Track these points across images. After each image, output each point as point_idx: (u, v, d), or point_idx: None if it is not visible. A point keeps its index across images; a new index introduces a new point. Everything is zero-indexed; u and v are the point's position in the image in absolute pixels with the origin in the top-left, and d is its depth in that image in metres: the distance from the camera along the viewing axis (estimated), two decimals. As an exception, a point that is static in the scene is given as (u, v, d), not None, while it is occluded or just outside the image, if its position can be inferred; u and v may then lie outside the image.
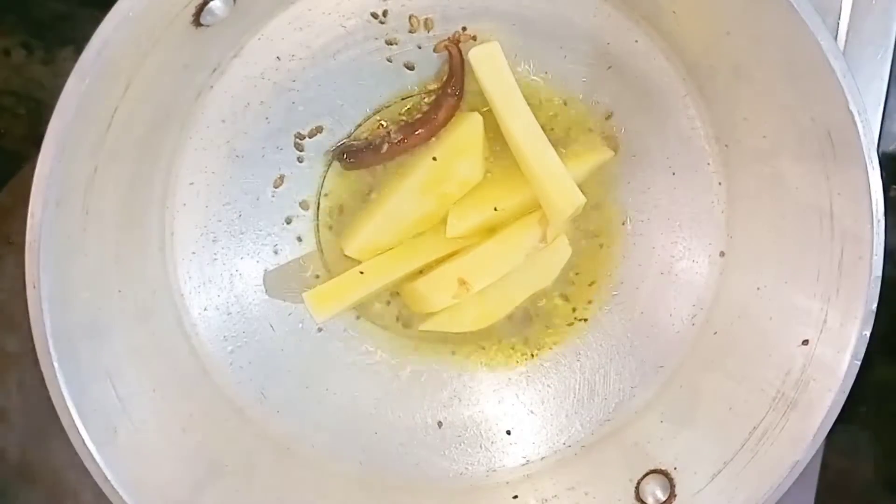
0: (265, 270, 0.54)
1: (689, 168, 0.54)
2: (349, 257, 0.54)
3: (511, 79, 0.51)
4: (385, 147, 0.52)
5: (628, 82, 0.53)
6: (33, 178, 0.41)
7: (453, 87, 0.52)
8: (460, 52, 0.52)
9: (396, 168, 0.54)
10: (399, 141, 0.52)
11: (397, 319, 0.55)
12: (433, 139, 0.53)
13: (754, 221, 0.51)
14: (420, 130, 0.52)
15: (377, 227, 0.53)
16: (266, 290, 0.54)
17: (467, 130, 0.52)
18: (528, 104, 0.51)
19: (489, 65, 0.51)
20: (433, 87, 0.53)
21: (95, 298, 0.45)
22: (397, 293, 0.55)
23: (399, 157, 0.53)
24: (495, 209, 0.53)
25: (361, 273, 0.53)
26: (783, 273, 0.49)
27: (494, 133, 0.53)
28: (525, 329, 0.56)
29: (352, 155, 0.53)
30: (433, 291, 0.53)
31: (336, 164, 0.54)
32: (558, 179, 0.50)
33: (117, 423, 0.45)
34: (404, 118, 0.53)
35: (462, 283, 0.53)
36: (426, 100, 0.53)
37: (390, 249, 0.53)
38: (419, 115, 0.53)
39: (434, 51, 0.52)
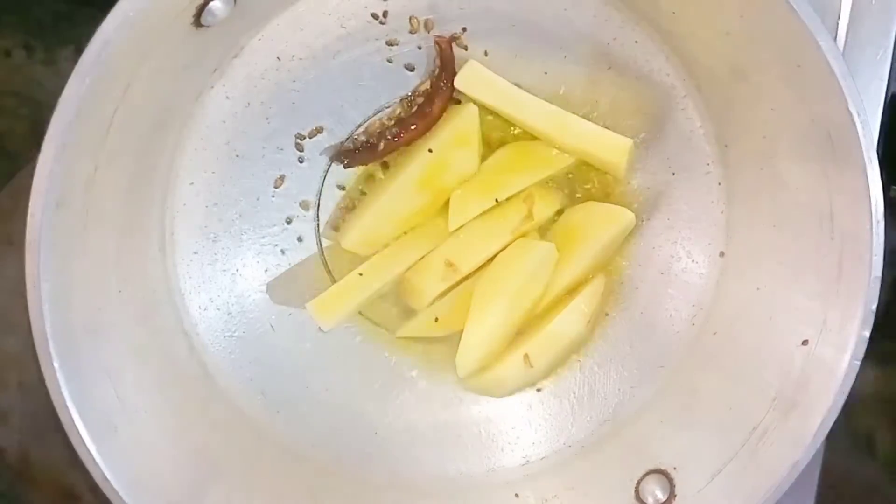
0: (265, 271, 0.54)
1: (689, 168, 0.54)
2: (350, 257, 0.54)
3: (503, 81, 0.52)
4: (381, 145, 0.52)
5: (628, 82, 0.53)
6: (33, 178, 0.41)
7: (445, 80, 0.52)
8: (450, 44, 0.52)
9: (393, 160, 0.54)
10: (395, 137, 0.52)
11: (396, 318, 0.55)
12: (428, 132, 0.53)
13: (754, 221, 0.51)
14: (415, 125, 0.52)
15: (374, 220, 0.53)
16: (266, 291, 0.54)
17: (463, 121, 0.52)
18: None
19: (477, 82, 0.52)
20: (425, 87, 0.53)
21: (95, 298, 0.45)
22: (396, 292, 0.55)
23: (395, 152, 0.53)
24: (496, 200, 0.52)
25: (360, 275, 0.53)
26: (783, 273, 0.49)
27: (489, 124, 0.53)
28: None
29: (348, 155, 0.53)
30: (423, 279, 0.53)
31: (336, 164, 0.54)
32: (597, 140, 0.52)
33: (117, 422, 0.45)
34: (402, 116, 0.53)
35: (449, 265, 0.52)
36: (418, 100, 0.53)
37: (388, 243, 0.53)
38: (413, 110, 0.53)
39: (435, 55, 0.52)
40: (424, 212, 0.53)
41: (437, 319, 0.54)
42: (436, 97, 0.52)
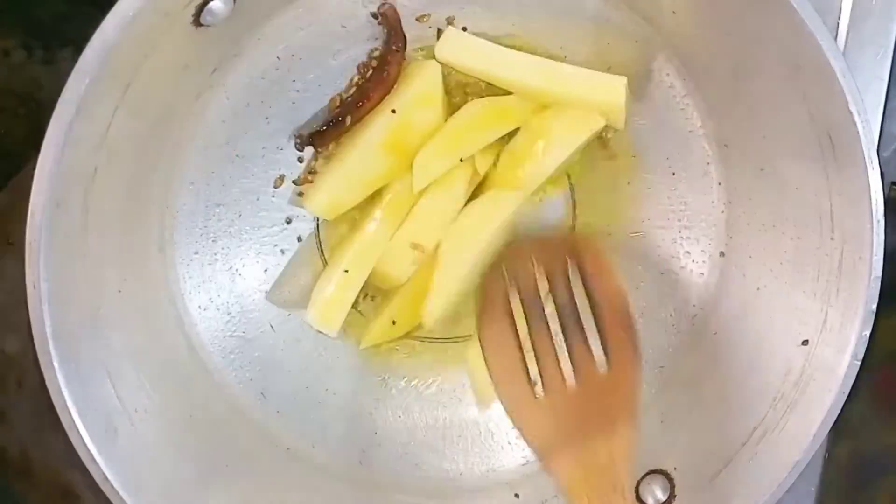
0: (265, 271, 0.54)
1: (689, 168, 0.54)
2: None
3: (484, 42, 0.52)
4: (348, 119, 0.51)
5: (628, 82, 0.53)
6: (33, 178, 0.41)
7: (395, 43, 0.51)
8: (392, 9, 0.51)
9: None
10: (358, 107, 0.51)
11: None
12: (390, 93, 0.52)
13: (754, 221, 0.51)
14: (375, 92, 0.51)
15: (340, 184, 0.52)
16: (267, 292, 0.54)
17: (426, 79, 0.51)
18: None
19: (459, 49, 0.51)
20: (376, 53, 0.52)
21: (95, 298, 0.45)
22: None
23: (360, 122, 0.52)
24: (461, 160, 0.52)
25: (346, 271, 0.52)
26: (783, 273, 0.49)
27: (454, 83, 0.53)
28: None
29: (316, 137, 0.52)
30: (392, 266, 0.53)
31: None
32: (591, 83, 0.51)
33: (117, 423, 0.45)
34: (359, 83, 0.52)
35: (416, 246, 0.52)
36: (373, 64, 0.52)
37: (354, 206, 0.53)
38: (368, 76, 0.52)
39: (378, 23, 0.52)
40: (390, 172, 0.52)
41: (394, 322, 0.54)
42: (391, 60, 0.51)
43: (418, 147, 0.52)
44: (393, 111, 0.51)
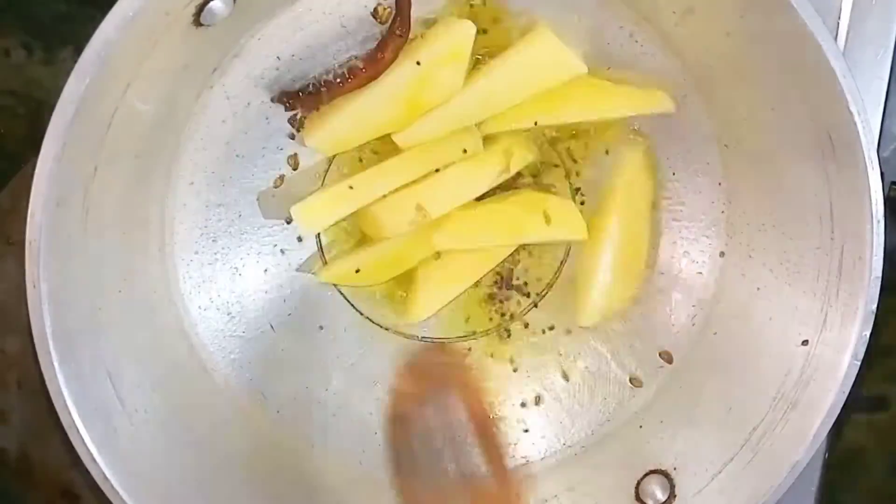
0: (265, 271, 0.54)
1: (689, 168, 0.54)
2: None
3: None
4: (325, 91, 0.51)
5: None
6: (33, 178, 0.41)
7: (399, 27, 0.50)
8: None
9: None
10: (341, 82, 0.51)
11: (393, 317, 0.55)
12: (417, 41, 0.51)
13: (754, 221, 0.51)
14: (365, 71, 0.50)
15: (345, 123, 0.51)
16: (267, 292, 0.54)
17: (457, 37, 0.50)
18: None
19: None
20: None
21: (95, 298, 0.45)
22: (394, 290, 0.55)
23: (338, 98, 0.51)
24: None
25: (350, 188, 0.51)
26: (783, 273, 0.49)
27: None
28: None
29: (290, 97, 0.51)
30: (389, 216, 0.52)
31: (336, 162, 0.54)
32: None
33: (117, 423, 0.45)
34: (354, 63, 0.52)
35: (420, 208, 0.51)
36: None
37: (352, 148, 0.53)
38: (363, 55, 0.51)
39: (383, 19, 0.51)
40: (396, 122, 0.51)
41: (358, 271, 0.53)
42: (389, 44, 0.50)
43: (432, 105, 0.51)
44: (418, 63, 0.50)
